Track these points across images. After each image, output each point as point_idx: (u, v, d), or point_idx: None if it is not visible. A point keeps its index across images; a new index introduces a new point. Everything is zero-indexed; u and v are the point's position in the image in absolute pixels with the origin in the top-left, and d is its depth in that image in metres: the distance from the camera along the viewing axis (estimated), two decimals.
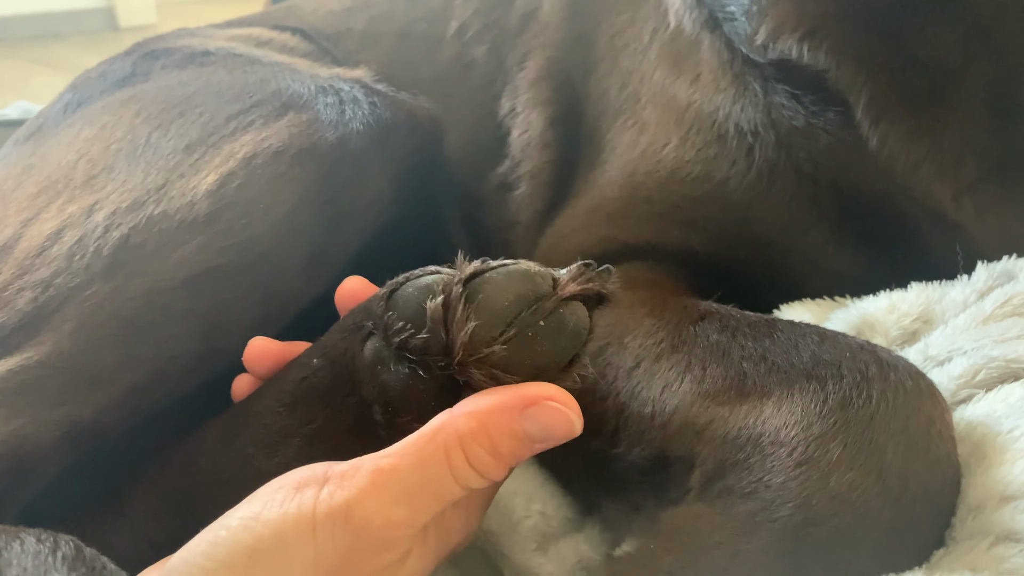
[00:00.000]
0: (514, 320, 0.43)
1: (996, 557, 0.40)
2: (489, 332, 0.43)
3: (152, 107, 0.71)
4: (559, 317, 0.43)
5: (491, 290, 0.44)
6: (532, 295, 0.44)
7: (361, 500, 0.39)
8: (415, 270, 0.47)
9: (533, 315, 0.43)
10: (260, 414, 0.52)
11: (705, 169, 0.66)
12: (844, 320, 0.60)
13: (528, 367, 0.43)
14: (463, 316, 0.43)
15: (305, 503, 0.40)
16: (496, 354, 0.42)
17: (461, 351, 0.43)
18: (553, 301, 0.43)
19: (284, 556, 0.39)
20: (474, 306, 0.43)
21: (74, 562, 0.45)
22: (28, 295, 0.59)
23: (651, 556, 0.43)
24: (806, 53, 0.62)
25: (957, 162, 0.60)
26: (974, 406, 0.48)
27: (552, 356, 0.43)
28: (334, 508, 0.39)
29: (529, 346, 0.43)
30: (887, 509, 0.41)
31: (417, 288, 0.46)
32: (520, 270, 0.45)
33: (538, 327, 0.43)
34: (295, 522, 0.39)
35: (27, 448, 0.52)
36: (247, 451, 0.51)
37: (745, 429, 0.45)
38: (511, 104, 0.84)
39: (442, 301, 0.44)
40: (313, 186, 0.64)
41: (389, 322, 0.45)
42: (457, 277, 0.45)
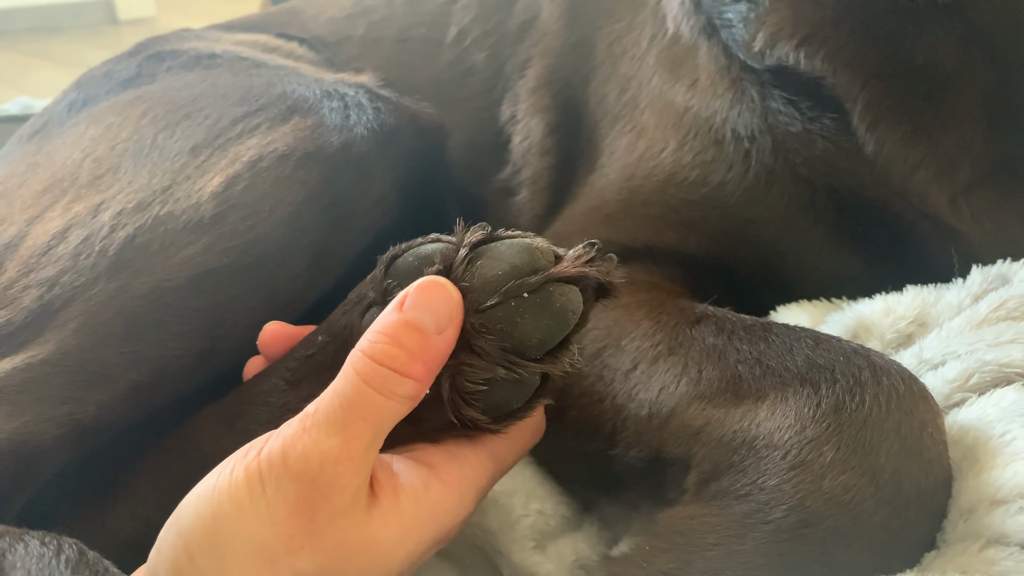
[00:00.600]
0: (500, 289, 0.43)
1: (987, 560, 0.40)
2: (477, 298, 0.43)
3: (158, 108, 0.72)
4: (546, 294, 0.43)
5: (489, 259, 0.44)
6: (528, 267, 0.43)
7: (294, 443, 0.40)
8: (416, 239, 0.48)
9: (518, 287, 0.43)
10: (264, 393, 0.53)
11: (702, 173, 0.67)
12: (840, 323, 0.60)
13: (508, 336, 0.43)
14: (458, 282, 0.43)
15: (250, 463, 0.40)
16: (474, 318, 0.43)
17: None
18: (540, 276, 0.43)
19: (241, 519, 0.39)
20: (470, 273, 0.43)
21: (77, 565, 0.46)
22: (33, 293, 0.59)
23: (647, 556, 0.43)
24: (803, 59, 0.63)
25: (953, 166, 0.61)
26: (967, 410, 0.49)
27: (533, 332, 0.43)
28: (272, 458, 0.40)
29: (509, 316, 0.43)
30: (880, 511, 0.41)
31: (417, 256, 0.46)
32: (522, 243, 0.45)
33: (522, 299, 0.43)
34: (245, 483, 0.40)
35: (30, 446, 0.53)
36: (249, 428, 0.52)
37: (740, 432, 0.45)
38: (512, 111, 0.85)
39: (438, 269, 0.44)
40: (317, 189, 0.65)
41: (388, 288, 0.46)
42: (463, 242, 0.45)
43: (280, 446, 0.41)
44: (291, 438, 0.41)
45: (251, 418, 0.53)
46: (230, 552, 0.39)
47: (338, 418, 0.41)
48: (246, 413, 0.53)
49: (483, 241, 0.45)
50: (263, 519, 0.40)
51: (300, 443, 0.40)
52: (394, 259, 0.47)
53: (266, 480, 0.40)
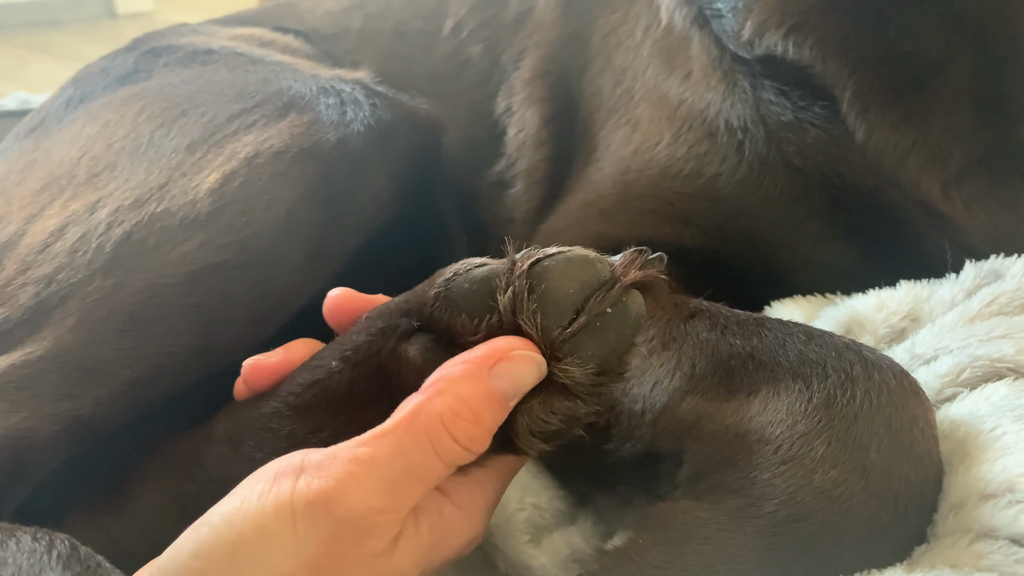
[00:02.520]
0: (582, 309, 0.42)
1: (975, 553, 0.41)
2: (557, 322, 0.42)
3: (155, 106, 0.72)
4: (623, 305, 0.43)
5: (553, 279, 0.42)
6: (595, 281, 0.43)
7: (340, 490, 0.39)
8: (457, 264, 0.46)
9: (600, 303, 0.42)
10: (266, 417, 0.51)
11: (696, 166, 0.67)
12: (833, 318, 0.60)
13: (594, 357, 0.42)
14: (530, 307, 0.42)
15: (283, 494, 0.39)
16: (564, 345, 0.42)
17: (538, 342, 0.42)
18: (618, 289, 0.42)
19: (266, 549, 0.38)
20: (537, 296, 0.42)
21: (69, 560, 0.45)
22: (31, 290, 0.59)
23: (639, 550, 0.43)
24: (791, 48, 0.63)
25: (944, 153, 0.61)
26: (958, 404, 0.49)
27: (616, 345, 0.43)
28: (312, 498, 0.39)
29: (598, 336, 0.42)
30: (870, 505, 0.41)
31: (472, 281, 0.44)
32: (580, 256, 0.43)
33: (606, 316, 0.42)
34: (275, 514, 0.39)
35: (27, 443, 0.53)
36: (255, 456, 0.50)
37: (732, 426, 0.46)
38: (507, 103, 0.85)
39: (512, 293, 0.42)
40: (314, 185, 0.65)
41: (453, 321, 0.44)
42: (519, 267, 0.43)
43: (323, 490, 0.39)
44: (338, 485, 0.39)
45: (255, 444, 0.51)
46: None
47: (395, 476, 0.40)
48: (249, 437, 0.51)
49: (536, 261, 0.43)
50: (289, 553, 0.38)
51: (348, 492, 0.39)
52: (447, 288, 0.45)
53: (300, 516, 0.39)
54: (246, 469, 0.48)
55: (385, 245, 0.71)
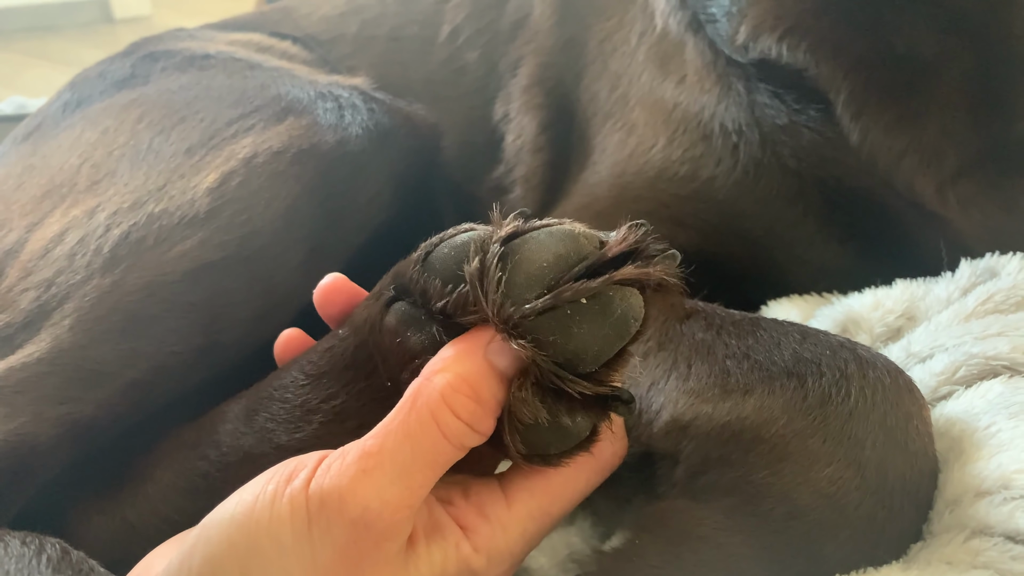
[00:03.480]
0: (557, 284, 0.38)
1: (971, 550, 0.41)
2: (521, 295, 0.38)
3: (154, 112, 0.73)
4: (606, 300, 0.38)
5: (529, 251, 0.39)
6: (574, 257, 0.38)
7: (354, 488, 0.37)
8: (449, 229, 0.43)
9: (574, 292, 0.37)
10: (283, 387, 0.51)
11: (692, 168, 0.67)
12: (829, 317, 0.61)
13: (558, 347, 0.38)
14: (494, 277, 0.38)
15: (296, 496, 0.38)
16: (525, 323, 0.38)
17: (494, 316, 0.38)
18: (602, 282, 0.38)
19: (280, 558, 0.37)
20: (510, 267, 0.38)
21: (59, 564, 0.45)
22: (31, 295, 0.59)
23: (637, 550, 0.44)
24: (785, 52, 0.63)
25: (938, 155, 0.61)
26: (954, 402, 0.49)
27: (591, 343, 0.38)
28: (326, 499, 0.37)
29: (564, 325, 0.37)
30: (865, 503, 0.42)
31: (452, 247, 0.41)
32: (563, 230, 0.40)
33: (579, 306, 0.37)
34: (290, 520, 0.37)
35: (28, 447, 0.53)
36: (267, 427, 0.50)
37: (728, 426, 0.45)
38: (504, 109, 0.85)
39: (479, 262, 0.39)
40: (312, 184, 0.65)
41: (427, 286, 0.41)
42: (495, 235, 0.40)
43: (336, 487, 0.37)
44: (351, 483, 0.37)
45: (269, 415, 0.51)
46: None
47: (406, 464, 0.38)
48: (264, 409, 0.51)
49: (518, 232, 0.40)
50: (305, 562, 0.37)
51: (361, 487, 0.37)
52: (428, 253, 0.42)
53: (315, 521, 0.37)
54: (258, 439, 0.48)
55: (384, 249, 0.71)
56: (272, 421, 0.50)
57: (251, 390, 0.54)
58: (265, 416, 0.51)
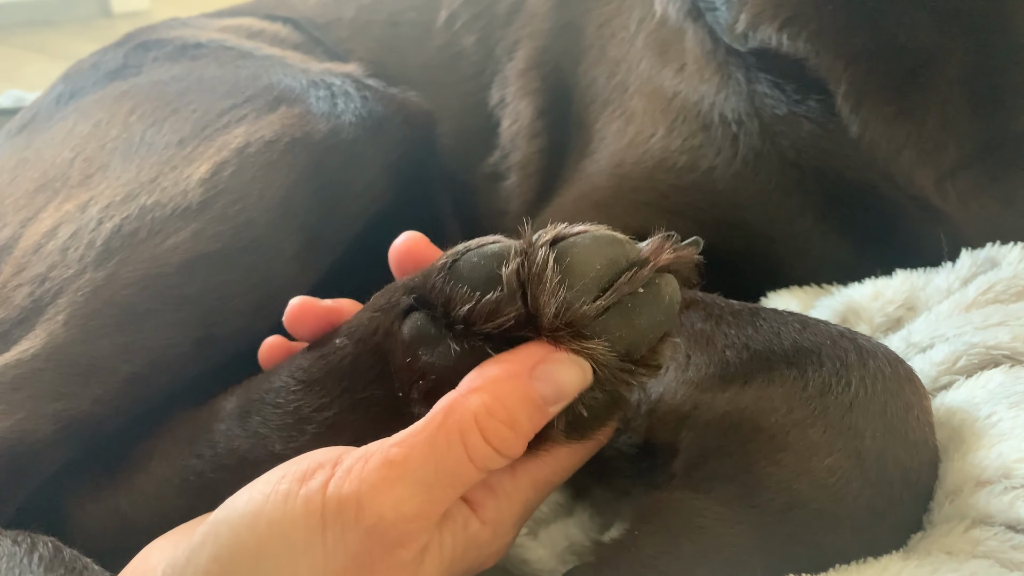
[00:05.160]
0: (608, 287, 0.38)
1: (971, 540, 0.41)
2: (583, 297, 0.38)
3: (146, 104, 0.72)
4: (656, 288, 0.39)
5: (579, 254, 0.39)
6: (624, 261, 0.39)
7: (372, 496, 0.37)
8: (472, 241, 0.42)
9: (630, 283, 0.38)
10: (275, 391, 0.50)
11: (691, 158, 0.67)
12: (829, 307, 0.60)
13: (622, 340, 0.39)
14: (552, 279, 0.38)
15: (312, 497, 0.37)
16: (592, 322, 0.38)
17: (551, 319, 0.38)
18: (650, 268, 0.39)
19: (291, 560, 0.37)
20: (563, 268, 0.38)
21: (51, 563, 0.45)
22: (25, 290, 0.59)
23: (635, 541, 0.43)
24: (785, 41, 0.63)
25: (938, 147, 0.61)
26: (954, 392, 0.49)
27: (647, 330, 0.39)
28: (344, 505, 0.37)
29: (627, 317, 0.39)
30: (865, 493, 0.41)
31: (483, 256, 0.41)
32: (608, 235, 0.40)
33: (637, 296, 0.39)
34: (304, 522, 0.37)
35: (25, 444, 0.53)
36: (261, 432, 0.50)
37: (727, 415, 0.45)
38: (500, 94, 0.85)
39: (519, 264, 0.39)
40: (306, 173, 0.65)
41: (452, 292, 0.40)
42: (541, 239, 0.40)
43: (354, 492, 0.37)
44: (370, 490, 0.37)
45: (262, 419, 0.50)
46: None
47: (428, 480, 0.37)
48: (257, 412, 0.51)
49: (560, 237, 0.40)
50: (316, 565, 0.37)
51: (380, 499, 0.37)
52: (454, 261, 0.41)
53: (329, 525, 0.37)
54: (252, 444, 0.48)
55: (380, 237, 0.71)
56: (266, 426, 0.49)
57: (243, 387, 0.53)
58: (258, 420, 0.50)
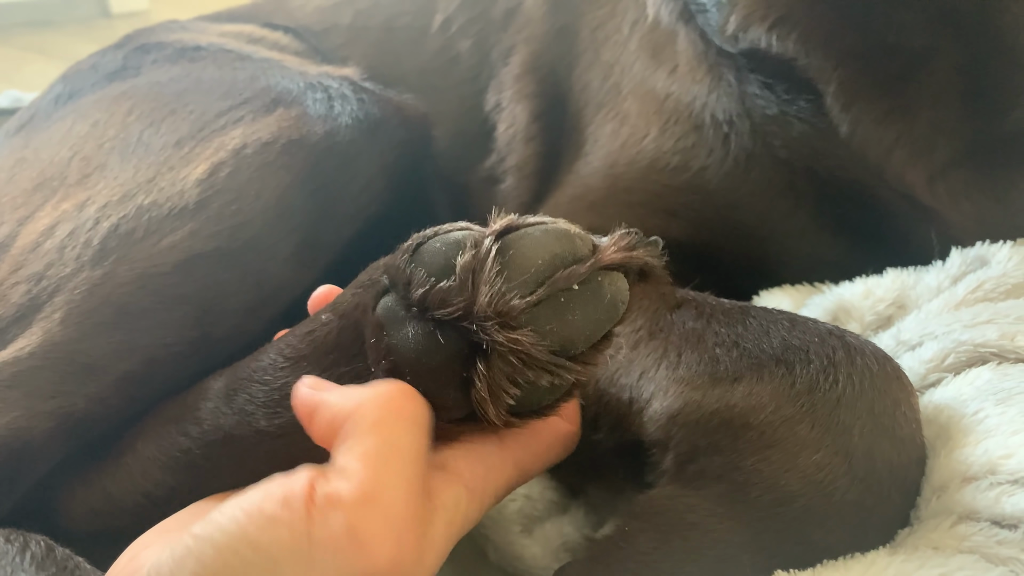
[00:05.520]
0: (546, 280, 0.39)
1: (958, 535, 0.41)
2: (518, 290, 0.39)
3: (144, 105, 0.72)
4: (596, 285, 0.40)
5: (525, 247, 0.40)
6: (569, 256, 0.40)
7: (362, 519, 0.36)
8: (443, 225, 0.43)
9: (566, 279, 0.39)
10: (263, 369, 0.50)
11: (683, 159, 0.67)
12: (820, 306, 0.61)
13: (555, 335, 0.39)
14: (491, 270, 0.39)
15: (299, 530, 0.36)
16: (521, 315, 0.39)
17: (485, 308, 0.39)
18: (589, 266, 0.40)
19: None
20: (505, 261, 0.39)
21: (43, 562, 0.45)
22: (22, 288, 0.59)
23: (627, 537, 0.44)
24: (775, 42, 0.63)
25: (929, 146, 0.61)
26: (943, 389, 0.49)
27: (583, 328, 0.40)
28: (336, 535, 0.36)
29: (559, 312, 0.39)
30: (853, 489, 0.42)
31: (445, 243, 0.41)
32: (559, 229, 0.41)
33: (571, 292, 0.39)
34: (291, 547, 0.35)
35: (21, 441, 0.53)
36: (247, 409, 0.50)
37: (717, 413, 0.46)
38: (496, 99, 0.85)
39: (472, 256, 0.40)
40: (302, 174, 0.65)
41: (412, 275, 0.41)
42: (492, 228, 0.41)
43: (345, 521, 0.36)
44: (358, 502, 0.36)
45: (249, 396, 0.50)
46: None
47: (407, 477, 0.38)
48: (244, 390, 0.51)
49: (512, 228, 0.41)
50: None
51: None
52: (419, 245, 0.42)
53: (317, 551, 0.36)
54: (237, 421, 0.48)
55: (376, 239, 0.71)
56: (252, 403, 0.50)
57: (231, 368, 0.53)
58: (245, 397, 0.50)
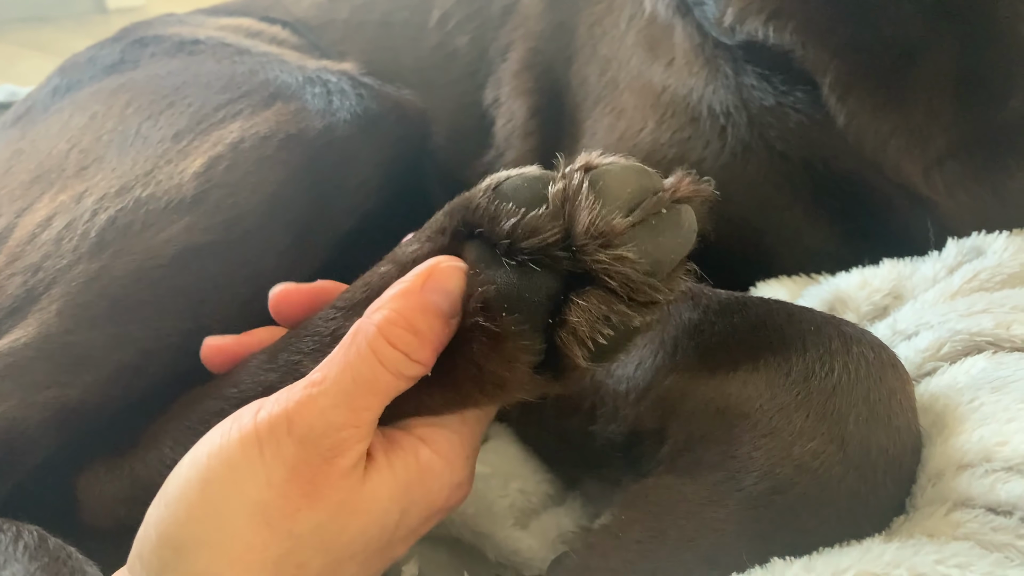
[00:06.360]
0: (636, 207, 0.41)
1: (952, 523, 0.41)
2: (614, 215, 0.41)
3: (142, 97, 0.72)
4: (677, 212, 0.42)
5: (611, 179, 0.42)
6: (651, 187, 0.42)
7: (299, 410, 0.41)
8: (508, 170, 0.45)
9: (656, 204, 0.42)
10: (312, 324, 0.51)
11: (680, 151, 0.67)
12: (817, 296, 0.61)
13: (649, 257, 0.41)
14: (588, 197, 0.41)
15: (246, 426, 0.41)
16: (623, 234, 0.41)
17: (585, 228, 0.41)
18: (672, 193, 0.42)
19: (236, 481, 0.40)
20: (598, 190, 0.42)
21: (36, 551, 0.46)
22: (18, 280, 0.59)
23: (622, 526, 0.44)
24: (772, 33, 0.63)
25: (925, 137, 0.61)
26: (938, 378, 0.49)
27: (670, 250, 0.42)
28: (274, 422, 0.40)
29: (652, 234, 0.41)
30: (848, 477, 0.42)
31: (527, 179, 0.44)
32: (636, 165, 0.43)
33: (661, 216, 0.42)
34: (240, 446, 0.40)
35: (15, 431, 0.53)
36: (293, 360, 0.51)
37: (712, 402, 0.46)
38: (495, 94, 0.85)
39: (564, 185, 0.42)
40: (300, 169, 0.65)
41: (498, 209, 0.43)
42: (576, 164, 0.43)
43: (283, 410, 0.41)
44: (296, 404, 0.41)
45: (295, 350, 0.51)
46: (223, 514, 0.40)
47: (348, 390, 0.42)
48: (289, 347, 0.51)
49: (591, 166, 0.43)
50: (259, 481, 0.40)
51: (306, 410, 0.41)
52: (498, 184, 0.44)
53: (265, 443, 0.40)
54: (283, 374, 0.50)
55: (373, 234, 0.72)
56: (298, 354, 0.51)
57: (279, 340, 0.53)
58: (291, 351, 0.51)
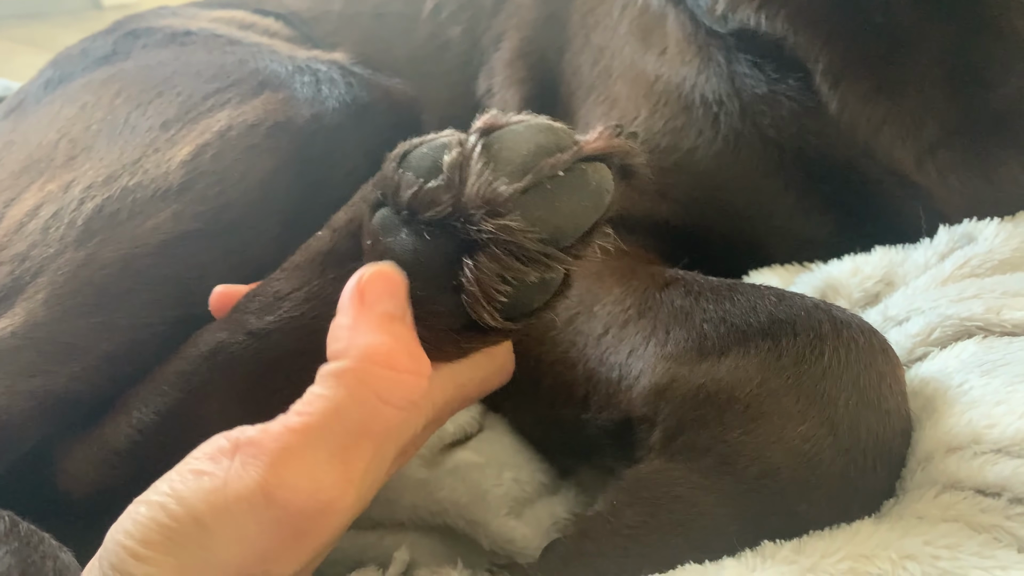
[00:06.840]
0: (532, 169, 0.39)
1: (942, 504, 0.41)
2: (505, 178, 0.39)
3: (132, 87, 0.72)
4: (581, 172, 0.40)
5: (509, 140, 0.40)
6: (554, 147, 0.40)
7: (278, 472, 0.35)
8: (427, 135, 0.44)
9: (551, 167, 0.39)
10: (258, 288, 0.52)
11: (673, 140, 0.67)
12: (809, 283, 0.61)
13: (545, 224, 0.39)
14: (478, 164, 0.40)
15: (216, 483, 0.35)
16: (508, 201, 0.39)
17: (473, 199, 0.39)
18: (573, 153, 0.40)
19: (202, 540, 0.35)
20: (490, 154, 0.40)
21: (6, 536, 0.45)
22: (5, 269, 0.59)
23: (614, 512, 0.44)
24: (764, 21, 0.63)
25: (917, 124, 0.61)
26: (929, 363, 0.49)
27: (571, 216, 0.40)
28: (249, 488, 0.34)
29: (547, 200, 0.39)
30: (838, 460, 0.42)
31: (431, 147, 0.42)
32: (541, 123, 0.41)
33: (557, 180, 0.39)
34: (209, 504, 0.35)
35: (0, 420, 0.53)
36: (240, 319, 0.51)
37: (703, 387, 0.46)
38: (487, 84, 0.85)
39: (458, 153, 0.40)
40: (287, 157, 0.65)
41: (400, 180, 0.41)
42: (475, 126, 0.42)
43: (260, 477, 0.35)
44: (274, 467, 0.35)
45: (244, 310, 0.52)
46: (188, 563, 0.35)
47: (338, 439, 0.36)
48: (239, 309, 0.52)
49: (495, 126, 0.41)
50: (230, 544, 0.35)
51: (287, 474, 0.35)
52: (407, 153, 0.43)
53: (236, 508, 0.35)
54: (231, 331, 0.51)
55: None
56: (246, 313, 0.51)
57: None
58: (240, 311, 0.52)
